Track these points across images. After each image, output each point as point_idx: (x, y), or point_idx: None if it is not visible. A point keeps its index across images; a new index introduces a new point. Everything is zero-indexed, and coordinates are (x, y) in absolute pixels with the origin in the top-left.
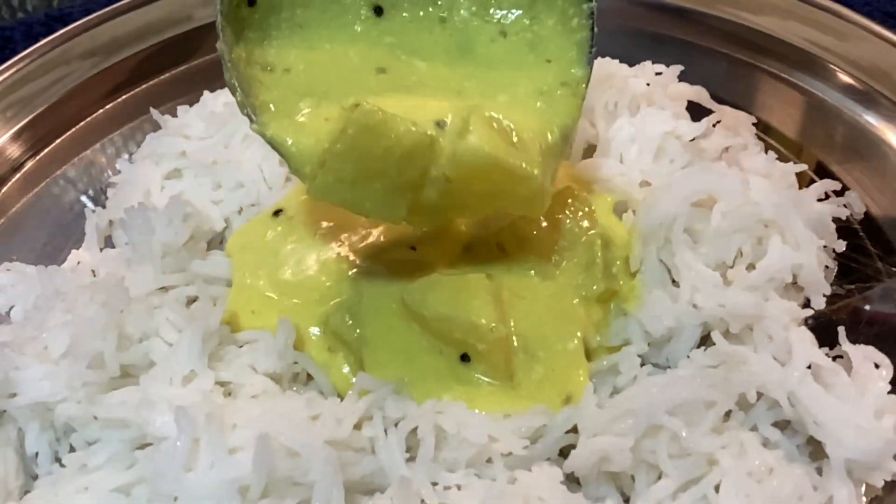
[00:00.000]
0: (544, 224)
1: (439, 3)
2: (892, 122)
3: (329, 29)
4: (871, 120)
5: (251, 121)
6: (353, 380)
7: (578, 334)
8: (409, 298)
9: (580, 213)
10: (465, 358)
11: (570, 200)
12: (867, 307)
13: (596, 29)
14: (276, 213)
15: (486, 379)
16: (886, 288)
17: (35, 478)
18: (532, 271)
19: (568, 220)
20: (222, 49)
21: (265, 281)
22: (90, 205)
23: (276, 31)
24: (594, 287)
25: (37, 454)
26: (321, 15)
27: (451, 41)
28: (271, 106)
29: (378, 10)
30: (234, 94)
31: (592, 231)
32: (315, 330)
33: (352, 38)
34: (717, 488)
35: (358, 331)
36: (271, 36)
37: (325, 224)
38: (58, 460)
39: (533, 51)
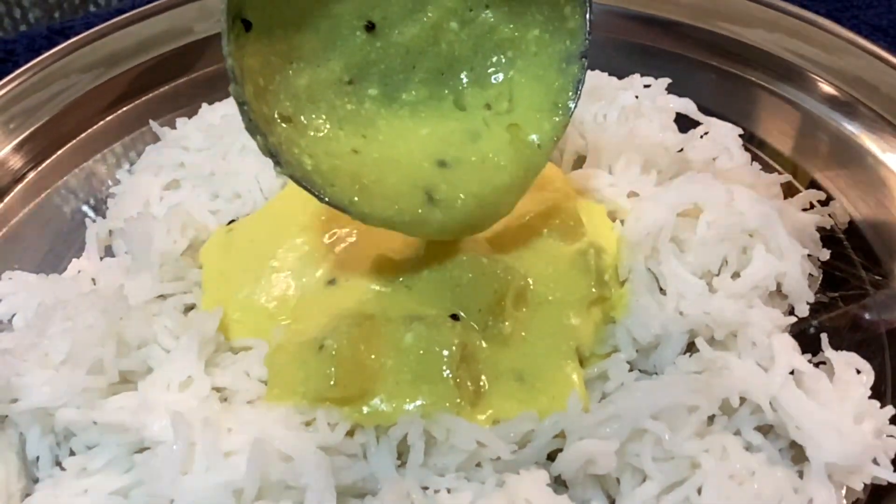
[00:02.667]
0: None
1: (428, 15)
2: (876, 133)
3: (327, 51)
4: (856, 131)
5: (276, 164)
6: None
7: (573, 359)
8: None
9: (570, 224)
10: None
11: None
12: (867, 315)
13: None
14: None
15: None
16: (887, 295)
17: (36, 481)
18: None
19: (559, 235)
20: (237, 92)
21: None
22: (91, 215)
23: (274, 57)
24: (588, 294)
25: (38, 458)
26: (315, 35)
27: (464, 128)
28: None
29: (370, 27)
30: (254, 137)
31: (584, 239)
32: None
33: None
34: (699, 490)
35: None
36: (271, 63)
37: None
38: (58, 464)
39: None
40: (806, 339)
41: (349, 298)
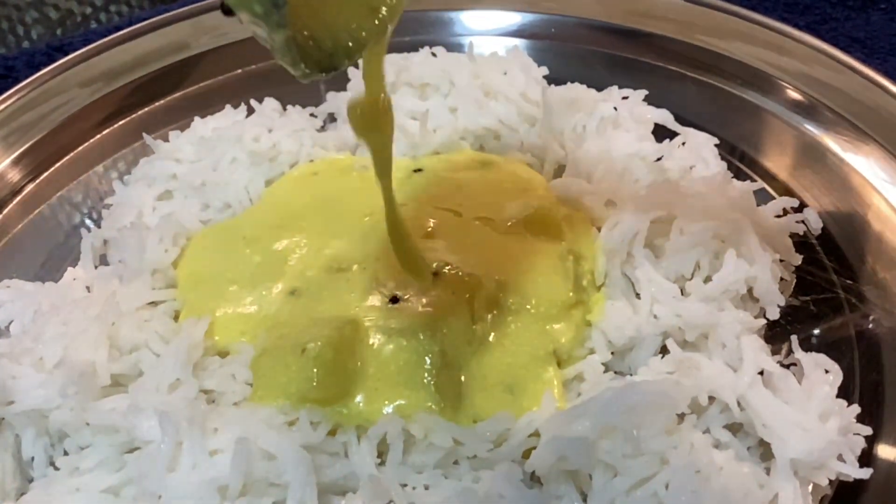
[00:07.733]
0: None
1: None
2: (848, 142)
3: None
4: (829, 140)
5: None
6: None
7: (551, 362)
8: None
9: (551, 230)
10: None
11: (541, 221)
12: (870, 325)
13: None
14: None
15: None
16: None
17: (31, 480)
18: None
19: (539, 240)
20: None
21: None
22: (87, 224)
23: None
24: (567, 299)
25: (32, 458)
26: None
27: None
28: None
29: None
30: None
31: (564, 245)
32: None
33: None
34: (667, 486)
35: None
36: None
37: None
38: (52, 464)
39: None
40: (828, 346)
41: (317, 308)
